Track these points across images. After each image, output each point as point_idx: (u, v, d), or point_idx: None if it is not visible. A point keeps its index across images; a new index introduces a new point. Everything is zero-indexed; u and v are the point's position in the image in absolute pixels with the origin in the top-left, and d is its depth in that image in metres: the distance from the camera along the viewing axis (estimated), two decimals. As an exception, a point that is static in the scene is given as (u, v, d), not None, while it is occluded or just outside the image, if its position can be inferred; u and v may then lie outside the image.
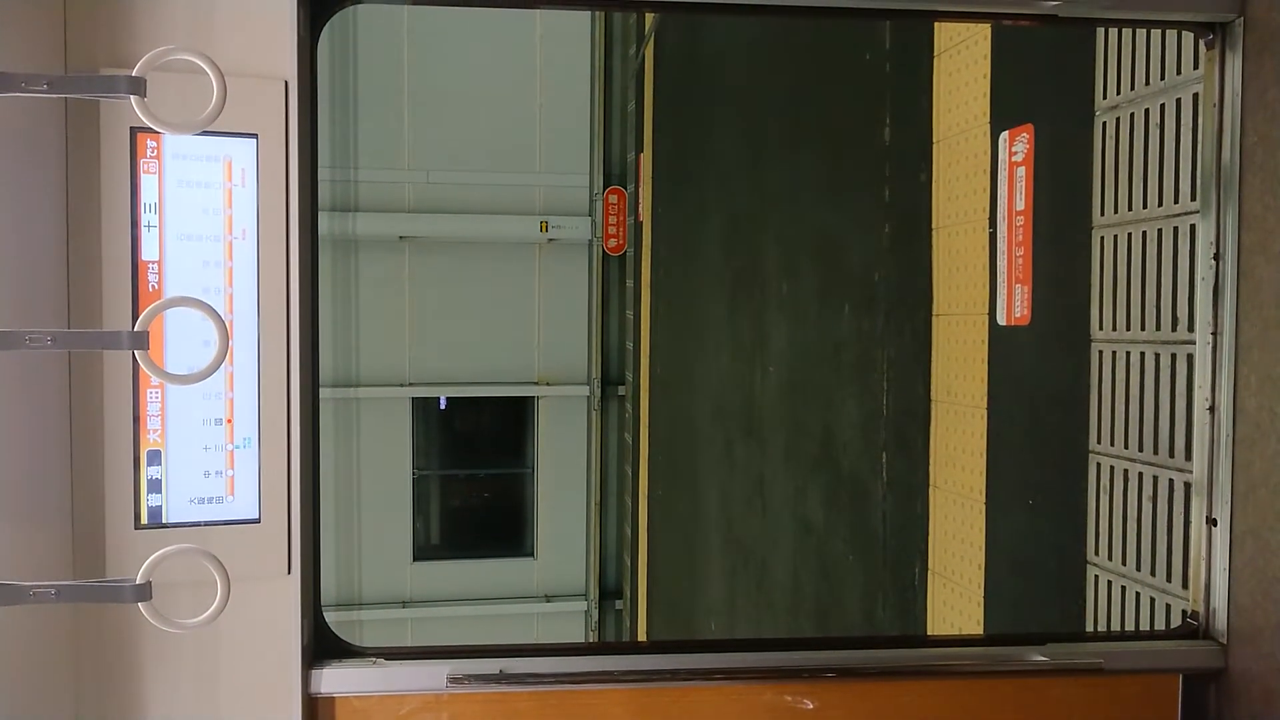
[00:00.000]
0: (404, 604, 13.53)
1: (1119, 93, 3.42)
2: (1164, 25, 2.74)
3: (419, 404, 13.67)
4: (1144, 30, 3.25)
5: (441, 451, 14.18)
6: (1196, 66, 3.01)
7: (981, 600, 4.25)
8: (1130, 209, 3.35)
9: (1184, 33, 2.99)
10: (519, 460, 14.21)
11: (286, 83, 2.32)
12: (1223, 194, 2.63)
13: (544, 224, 13.32)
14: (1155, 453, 3.23)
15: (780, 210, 7.28)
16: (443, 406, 13.92)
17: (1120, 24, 2.89)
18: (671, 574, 10.86)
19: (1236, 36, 2.59)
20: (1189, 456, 2.90)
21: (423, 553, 13.88)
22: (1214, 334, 2.65)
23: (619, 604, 13.81)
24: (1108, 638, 2.92)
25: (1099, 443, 3.50)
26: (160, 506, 2.30)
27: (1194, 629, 2.68)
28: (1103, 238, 3.48)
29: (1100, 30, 3.46)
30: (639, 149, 12.52)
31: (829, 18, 2.69)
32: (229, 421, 2.34)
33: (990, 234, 4.16)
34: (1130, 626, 3.33)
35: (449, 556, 14.07)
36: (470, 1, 2.52)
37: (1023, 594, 4.07)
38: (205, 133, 2.10)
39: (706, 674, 2.54)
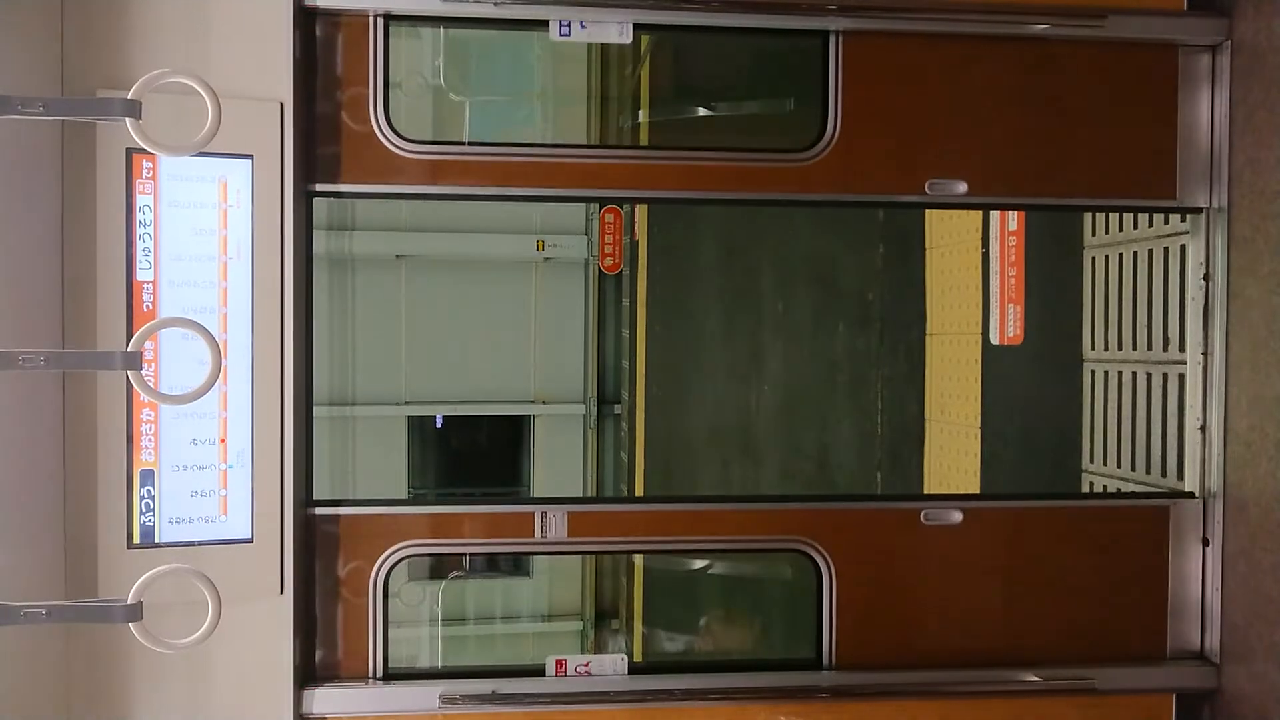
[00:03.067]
0: (399, 624, 13.48)
1: (1109, 114, 3.44)
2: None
3: (415, 422, 13.63)
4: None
5: (438, 470, 14.14)
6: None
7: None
8: (1121, 229, 3.37)
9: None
10: (515, 478, 14.17)
11: (282, 104, 2.33)
12: (1211, 216, 2.65)
13: (540, 243, 13.32)
14: (1147, 472, 3.23)
15: (775, 230, 7.29)
16: (439, 425, 13.89)
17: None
18: (667, 594, 10.80)
19: (1224, 60, 2.62)
20: (1181, 476, 2.90)
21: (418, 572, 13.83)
22: (1204, 354, 2.66)
23: (614, 624, 13.75)
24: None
25: (1091, 462, 3.51)
26: (153, 526, 2.30)
27: (1187, 650, 2.68)
28: (1094, 258, 3.50)
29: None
30: (635, 168, 12.54)
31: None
32: (222, 441, 2.35)
33: (983, 254, 4.18)
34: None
35: (444, 576, 14.01)
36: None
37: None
38: (201, 154, 2.11)
39: (700, 694, 2.54)
